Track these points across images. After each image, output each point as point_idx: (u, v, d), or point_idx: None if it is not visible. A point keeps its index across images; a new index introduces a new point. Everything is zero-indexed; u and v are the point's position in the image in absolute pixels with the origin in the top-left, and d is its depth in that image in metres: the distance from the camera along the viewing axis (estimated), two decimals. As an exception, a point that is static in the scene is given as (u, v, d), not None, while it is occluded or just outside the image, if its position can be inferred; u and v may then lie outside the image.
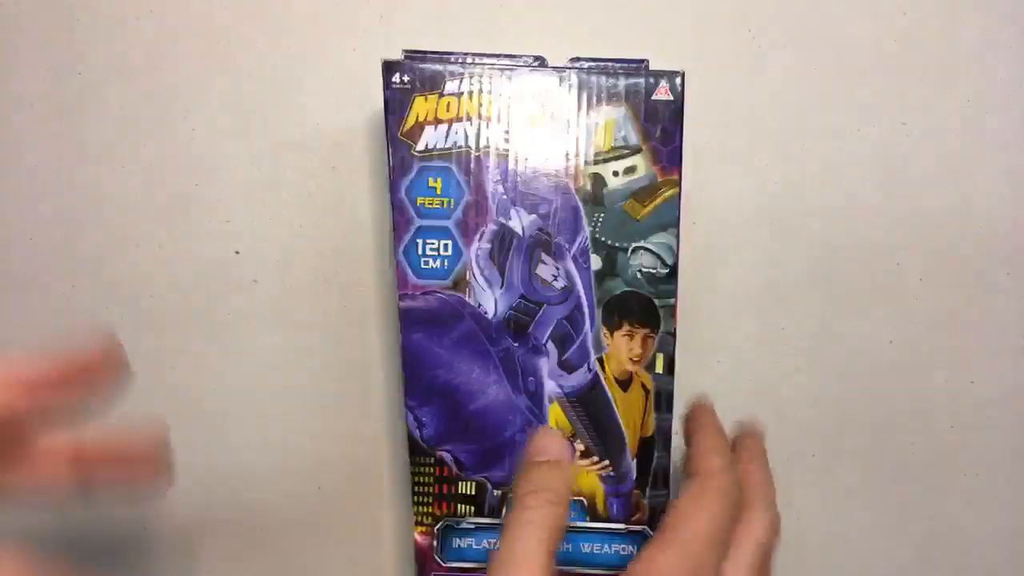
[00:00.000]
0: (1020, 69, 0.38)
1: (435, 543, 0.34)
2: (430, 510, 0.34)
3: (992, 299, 0.39)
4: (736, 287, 0.39)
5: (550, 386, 0.35)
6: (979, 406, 0.39)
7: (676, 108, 0.33)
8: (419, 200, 0.34)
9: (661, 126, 0.34)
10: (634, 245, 0.34)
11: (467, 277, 0.34)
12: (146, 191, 0.38)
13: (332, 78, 0.39)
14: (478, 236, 0.34)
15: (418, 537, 0.34)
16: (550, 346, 0.34)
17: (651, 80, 0.33)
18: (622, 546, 0.35)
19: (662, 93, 0.34)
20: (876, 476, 0.39)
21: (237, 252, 0.38)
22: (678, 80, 0.33)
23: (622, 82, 0.34)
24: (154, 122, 0.38)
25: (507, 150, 0.34)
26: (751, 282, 0.39)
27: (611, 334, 0.35)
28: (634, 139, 0.34)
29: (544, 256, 0.34)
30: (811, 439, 0.39)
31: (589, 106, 0.34)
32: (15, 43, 0.36)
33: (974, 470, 0.39)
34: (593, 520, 0.35)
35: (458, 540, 0.35)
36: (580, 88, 0.34)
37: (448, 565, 0.35)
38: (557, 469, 0.28)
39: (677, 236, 0.35)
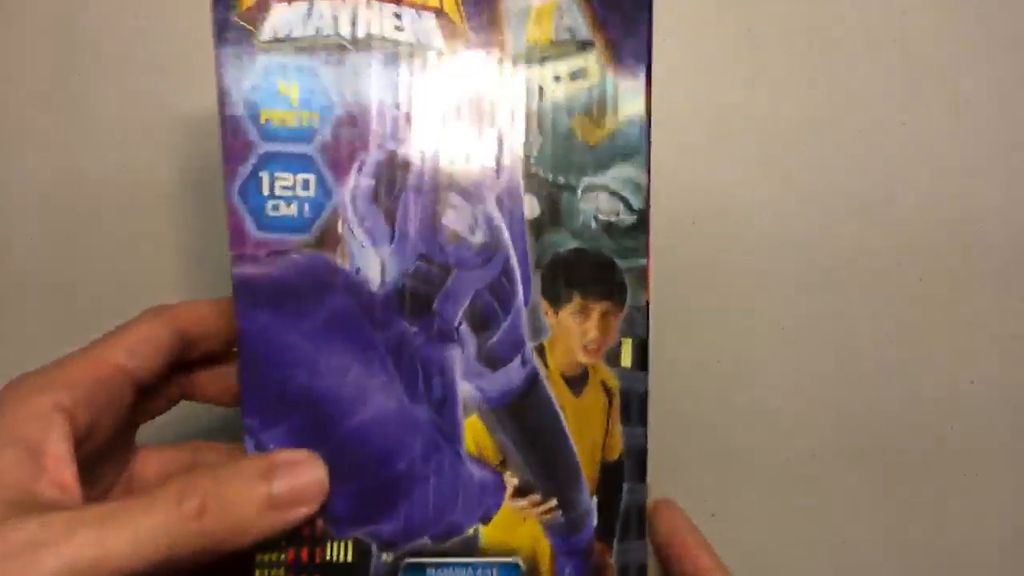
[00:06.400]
0: (1020, 69, 0.39)
1: (289, 644, 0.22)
2: (280, 591, 0.22)
3: (992, 299, 0.39)
4: (735, 287, 0.38)
5: (466, 390, 0.23)
6: (979, 406, 0.39)
7: (642, -18, 0.23)
8: (264, 114, 0.23)
9: (622, 12, 0.24)
10: (586, 182, 0.24)
11: (338, 229, 0.23)
12: (146, 191, 0.36)
13: None
14: (355, 168, 0.23)
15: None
16: (465, 330, 0.23)
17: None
18: (579, 632, 0.23)
19: (621, -35, 0.24)
20: (876, 476, 0.39)
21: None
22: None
23: (564, -57, 0.23)
24: (154, 122, 0.36)
25: (398, 41, 0.23)
26: (750, 282, 0.38)
27: (556, 311, 0.24)
28: (583, 31, 0.24)
29: (454, 197, 0.23)
30: (811, 439, 0.39)
31: (518, -19, 0.23)
32: (15, 43, 0.36)
33: (974, 470, 0.39)
34: (535, 592, 0.23)
35: (327, 637, 0.22)
36: (504, -50, 0.23)
37: None
38: None
39: (647, 169, 0.24)
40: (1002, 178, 0.39)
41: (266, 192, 0.23)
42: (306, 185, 0.23)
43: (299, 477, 0.21)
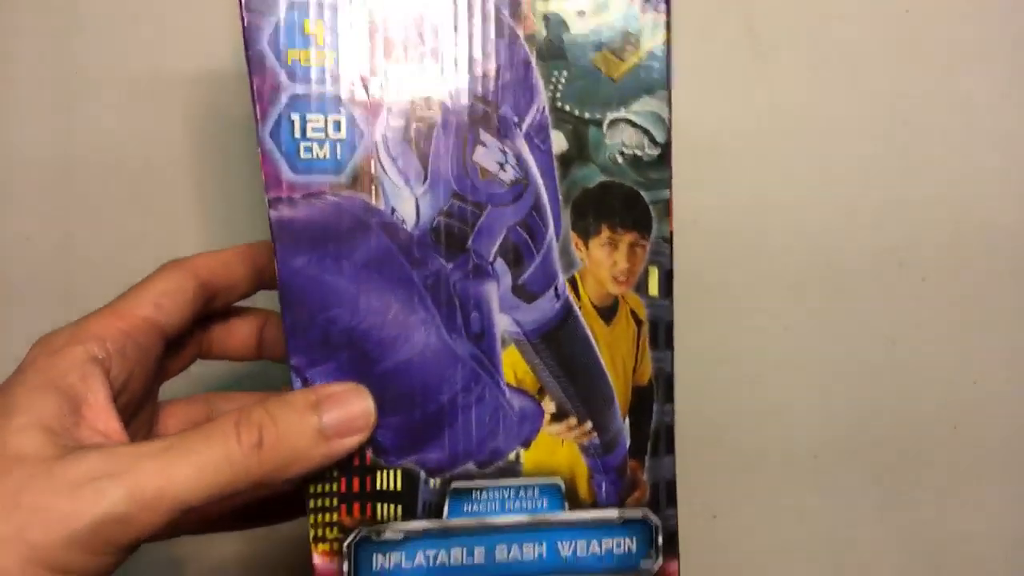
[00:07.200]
0: (1020, 67, 0.38)
1: (345, 566, 0.23)
2: (335, 518, 0.23)
3: (995, 299, 0.39)
4: (737, 287, 0.38)
5: (503, 323, 0.24)
6: (982, 406, 0.39)
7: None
8: (291, 54, 0.23)
9: (641, -56, 0.24)
10: (611, 116, 0.24)
11: (372, 169, 0.23)
12: (146, 191, 0.36)
13: None
14: (386, 108, 0.23)
15: (318, 560, 0.23)
16: (500, 265, 0.24)
17: None
18: (616, 540, 0.25)
19: None
20: (878, 477, 0.39)
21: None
22: None
23: None
24: (154, 122, 0.36)
25: (421, -23, 0.23)
26: (752, 282, 0.38)
27: (586, 244, 0.24)
28: (604, -36, 0.24)
29: (484, 135, 0.24)
30: (813, 440, 0.39)
31: (538, -90, 0.23)
32: (14, 42, 0.35)
33: (977, 470, 0.39)
34: (574, 508, 0.25)
35: (381, 558, 0.23)
36: None
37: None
38: None
39: (669, 102, 0.25)
40: (1005, 177, 0.38)
41: (298, 134, 0.23)
42: (337, 127, 0.23)
43: (347, 407, 0.22)
